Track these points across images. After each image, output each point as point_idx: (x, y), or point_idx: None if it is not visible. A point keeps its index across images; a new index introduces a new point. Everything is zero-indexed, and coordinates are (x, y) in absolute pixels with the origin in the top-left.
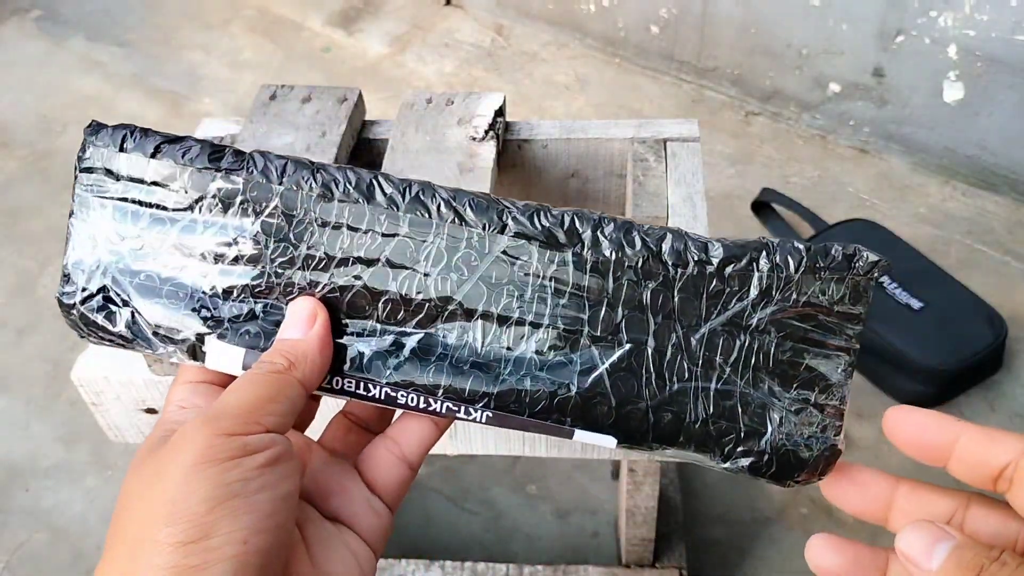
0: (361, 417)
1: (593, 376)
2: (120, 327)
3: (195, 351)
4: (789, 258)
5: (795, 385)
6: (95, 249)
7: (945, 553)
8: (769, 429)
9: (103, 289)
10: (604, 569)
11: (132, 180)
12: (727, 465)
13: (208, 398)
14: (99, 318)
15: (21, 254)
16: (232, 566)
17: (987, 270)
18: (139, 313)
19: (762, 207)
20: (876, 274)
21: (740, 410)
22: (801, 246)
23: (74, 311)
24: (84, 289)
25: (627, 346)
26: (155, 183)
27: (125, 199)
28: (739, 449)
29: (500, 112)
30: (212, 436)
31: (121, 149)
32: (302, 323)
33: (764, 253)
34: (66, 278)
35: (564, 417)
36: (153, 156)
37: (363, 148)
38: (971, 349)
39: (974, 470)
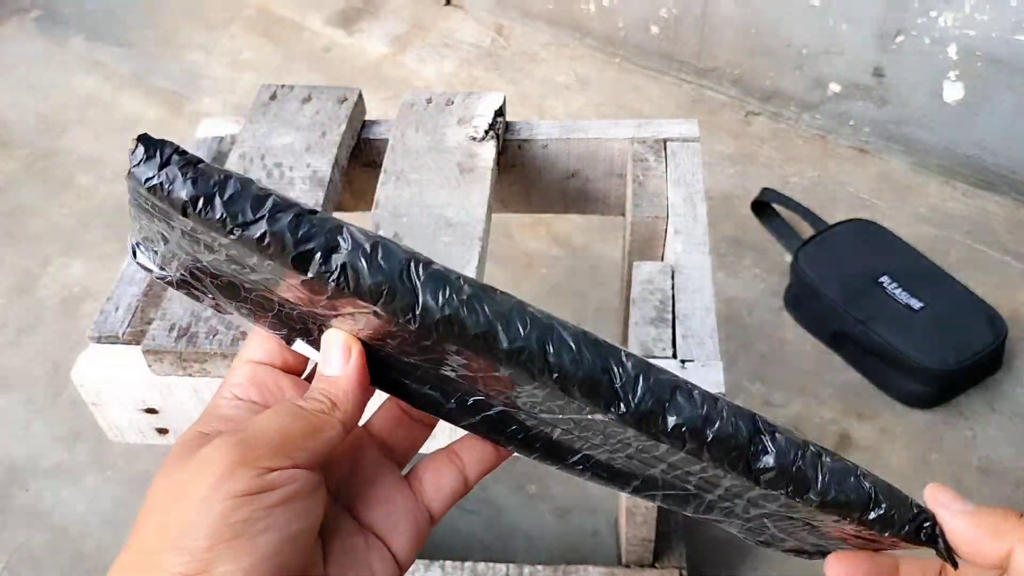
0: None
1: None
2: (206, 308)
3: (288, 340)
4: (889, 530)
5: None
6: (168, 244)
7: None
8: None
9: (183, 280)
10: (604, 569)
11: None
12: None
13: (266, 392)
14: (182, 293)
15: (21, 254)
16: None
17: (987, 270)
18: (224, 308)
19: (762, 207)
20: (936, 545)
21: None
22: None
23: (159, 280)
24: (163, 268)
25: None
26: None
27: (196, 234)
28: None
29: (500, 112)
30: (235, 465)
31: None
32: (337, 358)
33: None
34: (137, 245)
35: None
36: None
37: (363, 148)
38: (971, 349)
39: None
